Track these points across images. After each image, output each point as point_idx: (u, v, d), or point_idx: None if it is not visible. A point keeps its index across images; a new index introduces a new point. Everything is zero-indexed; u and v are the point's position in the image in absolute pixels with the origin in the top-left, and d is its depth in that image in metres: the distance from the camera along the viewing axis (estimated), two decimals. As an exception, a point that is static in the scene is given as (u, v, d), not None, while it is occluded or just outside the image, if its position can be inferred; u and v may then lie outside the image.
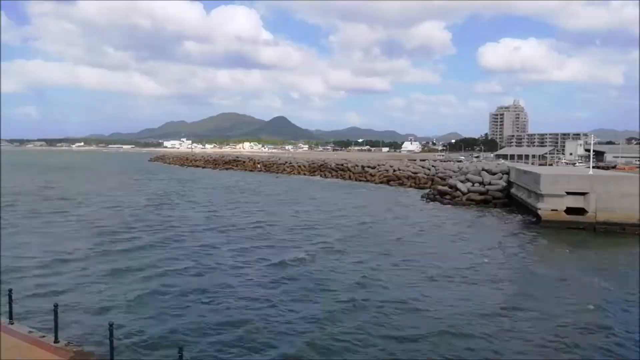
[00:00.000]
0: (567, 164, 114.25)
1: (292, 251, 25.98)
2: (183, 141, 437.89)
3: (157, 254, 24.89)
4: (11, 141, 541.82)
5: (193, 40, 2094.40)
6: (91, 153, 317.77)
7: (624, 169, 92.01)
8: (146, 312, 16.37)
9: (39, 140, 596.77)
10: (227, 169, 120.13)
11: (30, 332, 12.00)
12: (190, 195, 55.74)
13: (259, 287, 19.43)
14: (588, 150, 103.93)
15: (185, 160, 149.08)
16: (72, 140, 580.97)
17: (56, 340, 11.25)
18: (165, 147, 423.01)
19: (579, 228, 34.17)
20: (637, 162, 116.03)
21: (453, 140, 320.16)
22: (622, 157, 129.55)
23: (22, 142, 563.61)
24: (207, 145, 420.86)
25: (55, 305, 11.43)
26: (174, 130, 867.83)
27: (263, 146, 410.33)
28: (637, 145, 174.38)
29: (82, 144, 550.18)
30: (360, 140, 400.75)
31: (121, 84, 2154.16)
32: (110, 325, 10.19)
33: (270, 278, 20.75)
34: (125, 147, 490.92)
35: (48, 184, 67.96)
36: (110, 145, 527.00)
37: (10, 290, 12.63)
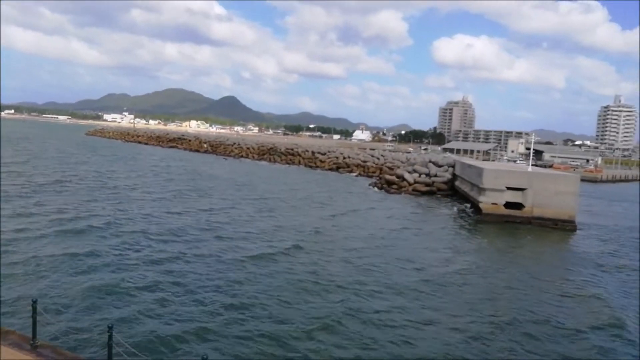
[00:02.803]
0: (508, 160, 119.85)
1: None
2: (125, 115, 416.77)
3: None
4: None
5: (140, 8, 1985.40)
6: (25, 122, 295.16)
7: (560, 168, 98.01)
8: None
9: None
10: (171, 147, 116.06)
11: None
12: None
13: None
14: (528, 149, 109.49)
15: (127, 136, 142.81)
16: (1, 107, 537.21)
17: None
18: (106, 120, 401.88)
19: (516, 222, 35.77)
20: (572, 163, 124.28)
21: (403, 132, 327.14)
22: (558, 157, 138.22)
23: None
24: (150, 121, 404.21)
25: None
26: (116, 103, 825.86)
27: (211, 125, 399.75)
28: (573, 147, 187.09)
29: (12, 111, 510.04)
30: (312, 126, 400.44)
31: (58, 49, 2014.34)
32: (34, 301, 9.28)
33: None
34: (61, 117, 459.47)
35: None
36: (44, 115, 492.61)
37: None
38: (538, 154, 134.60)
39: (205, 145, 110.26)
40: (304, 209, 35.89)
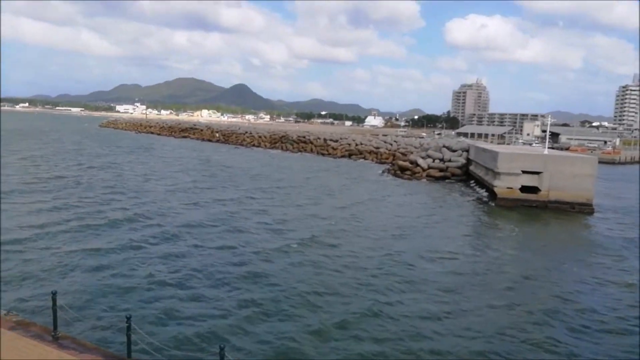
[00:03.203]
0: (524, 143, 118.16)
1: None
2: (137, 106, 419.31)
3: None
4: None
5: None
6: (38, 115, 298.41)
7: (577, 150, 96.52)
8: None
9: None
10: (183, 137, 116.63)
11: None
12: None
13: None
14: (544, 131, 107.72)
15: (140, 127, 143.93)
16: (16, 101, 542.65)
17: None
18: (118, 111, 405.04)
19: (532, 206, 35.32)
20: (589, 145, 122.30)
21: (416, 117, 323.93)
22: (575, 139, 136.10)
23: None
24: (162, 112, 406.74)
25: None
26: (127, 94, 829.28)
27: (222, 115, 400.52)
28: (590, 129, 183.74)
29: (26, 104, 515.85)
30: (323, 112, 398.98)
31: (68, 40, 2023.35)
32: (54, 293, 9.38)
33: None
34: (74, 109, 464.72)
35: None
36: (57, 107, 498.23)
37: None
38: (554, 136, 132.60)
39: (217, 135, 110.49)
40: (320, 198, 35.81)
